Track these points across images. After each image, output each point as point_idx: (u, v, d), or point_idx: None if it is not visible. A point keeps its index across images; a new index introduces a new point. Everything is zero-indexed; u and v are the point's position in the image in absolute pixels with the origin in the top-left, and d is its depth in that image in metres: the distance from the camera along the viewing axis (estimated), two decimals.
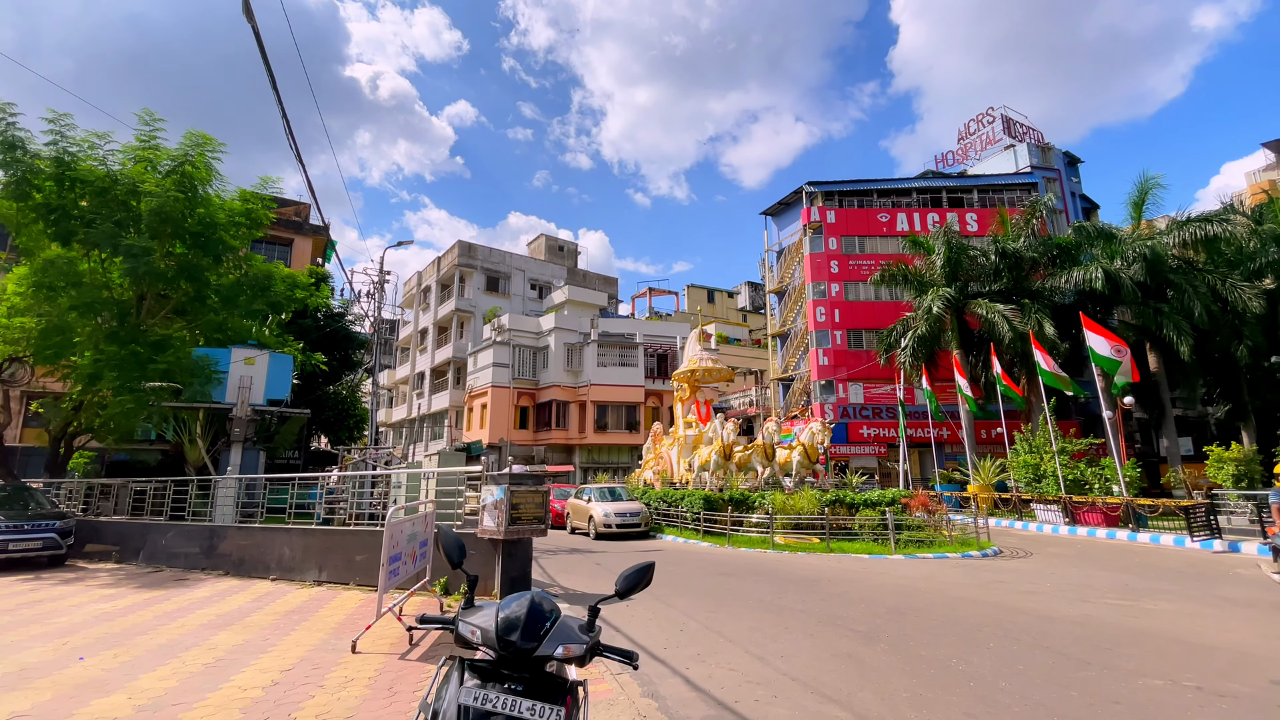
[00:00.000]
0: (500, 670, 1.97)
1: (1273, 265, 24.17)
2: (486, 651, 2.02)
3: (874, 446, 34.96)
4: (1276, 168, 50.12)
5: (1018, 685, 4.69)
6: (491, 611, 2.06)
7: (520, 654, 1.92)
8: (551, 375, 36.13)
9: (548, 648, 1.93)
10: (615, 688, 4.78)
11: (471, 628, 2.02)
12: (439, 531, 2.51)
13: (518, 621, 1.96)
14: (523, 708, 1.81)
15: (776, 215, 43.20)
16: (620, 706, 4.39)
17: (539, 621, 1.99)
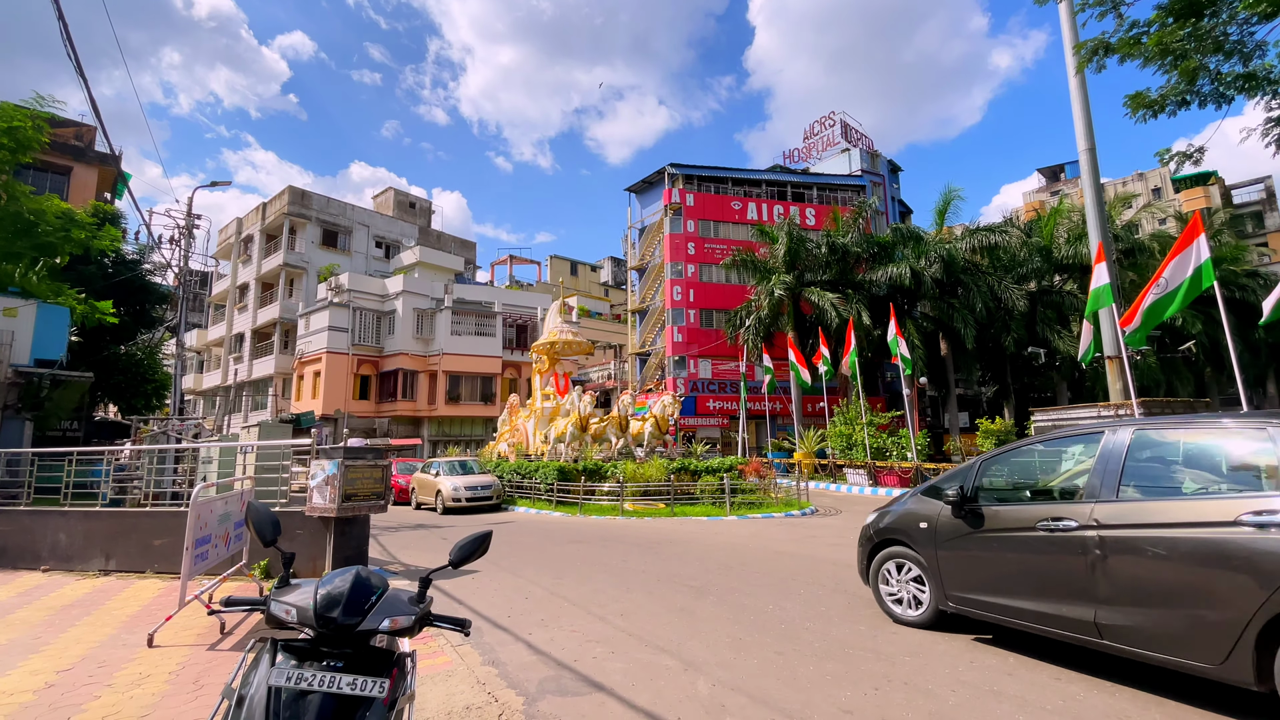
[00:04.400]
0: (319, 648, 1.90)
1: (1036, 272, 29.40)
2: (305, 631, 1.93)
3: (718, 418, 37.48)
4: (1046, 190, 60.74)
5: (820, 624, 5.42)
6: (310, 589, 1.96)
7: (342, 630, 1.85)
8: (398, 342, 33.86)
9: (372, 621, 1.89)
10: (455, 659, 4.76)
11: (286, 607, 1.92)
12: (249, 506, 2.31)
13: (340, 597, 1.88)
14: (343, 683, 1.75)
15: (640, 193, 43.92)
16: (459, 676, 4.38)
17: (364, 596, 1.94)
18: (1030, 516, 4.26)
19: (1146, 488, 3.89)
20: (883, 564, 5.57)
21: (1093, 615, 3.82)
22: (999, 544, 4.47)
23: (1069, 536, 3.95)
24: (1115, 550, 3.74)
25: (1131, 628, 3.65)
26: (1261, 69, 11.72)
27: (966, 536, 4.71)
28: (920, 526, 5.13)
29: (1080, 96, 15.97)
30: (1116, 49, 12.94)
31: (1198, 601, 3.41)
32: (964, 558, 4.74)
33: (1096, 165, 16.14)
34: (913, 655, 4.57)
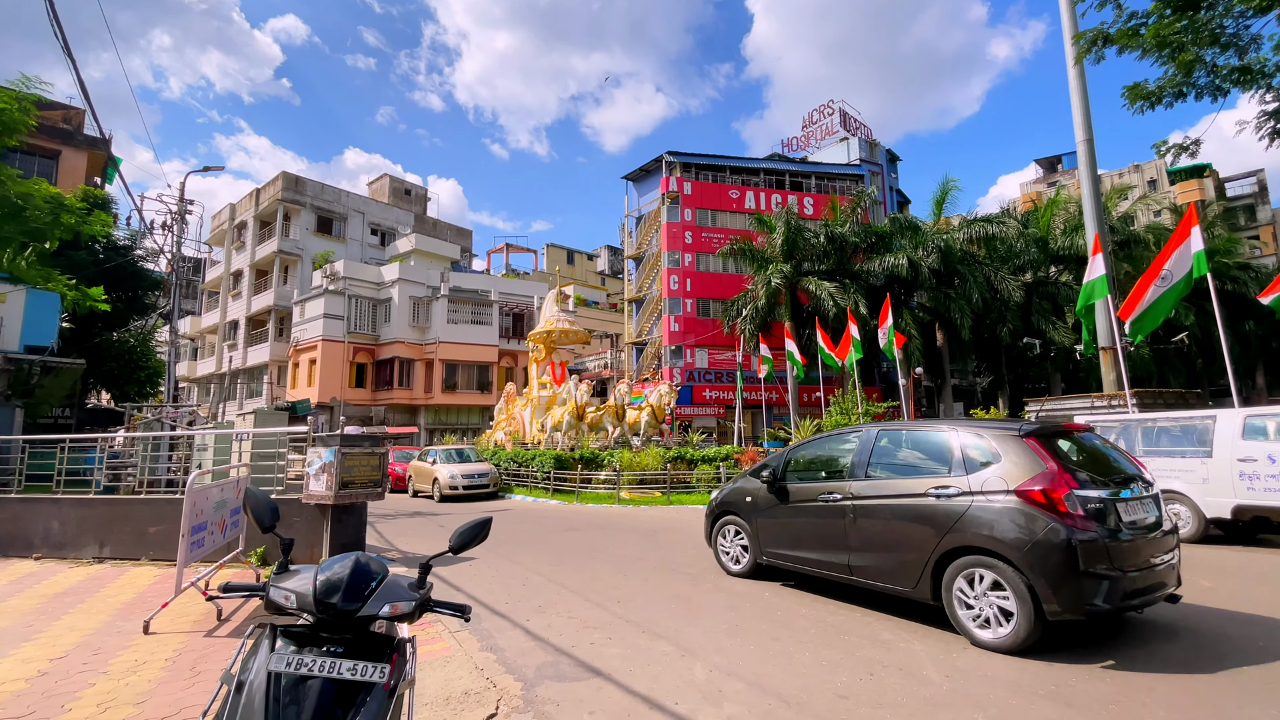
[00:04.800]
0: (319, 634, 1.89)
1: (1032, 263, 29.43)
2: (304, 616, 1.92)
3: (714, 408, 37.55)
4: (1043, 181, 60.69)
5: (816, 610, 5.45)
6: (309, 575, 1.95)
7: (342, 616, 1.84)
8: (394, 330, 33.73)
9: (373, 607, 1.88)
10: (453, 645, 4.77)
11: (286, 593, 1.90)
12: (247, 492, 2.29)
13: (339, 583, 1.87)
14: (343, 669, 1.74)
15: (638, 181, 43.68)
16: (458, 662, 4.40)
17: (364, 581, 1.92)
18: (815, 491, 5.84)
19: (883, 470, 5.42)
20: (720, 530, 7.05)
21: (847, 560, 5.43)
22: (796, 512, 6.01)
23: (836, 505, 5.56)
24: (861, 514, 5.35)
25: (868, 566, 5.28)
26: (1256, 62, 11.70)
27: (775, 507, 6.24)
28: (746, 500, 6.64)
29: (1079, 87, 15.92)
30: (1115, 40, 12.90)
31: (903, 547, 5.01)
32: (773, 523, 6.28)
33: (1094, 156, 16.11)
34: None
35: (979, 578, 4.53)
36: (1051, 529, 4.24)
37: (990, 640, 4.40)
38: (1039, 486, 4.37)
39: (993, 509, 4.51)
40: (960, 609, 4.62)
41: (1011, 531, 4.38)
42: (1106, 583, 4.16)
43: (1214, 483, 8.31)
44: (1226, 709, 3.47)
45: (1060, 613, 4.16)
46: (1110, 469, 4.91)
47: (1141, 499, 4.69)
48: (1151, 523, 4.64)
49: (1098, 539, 4.22)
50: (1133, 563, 4.32)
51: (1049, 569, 4.19)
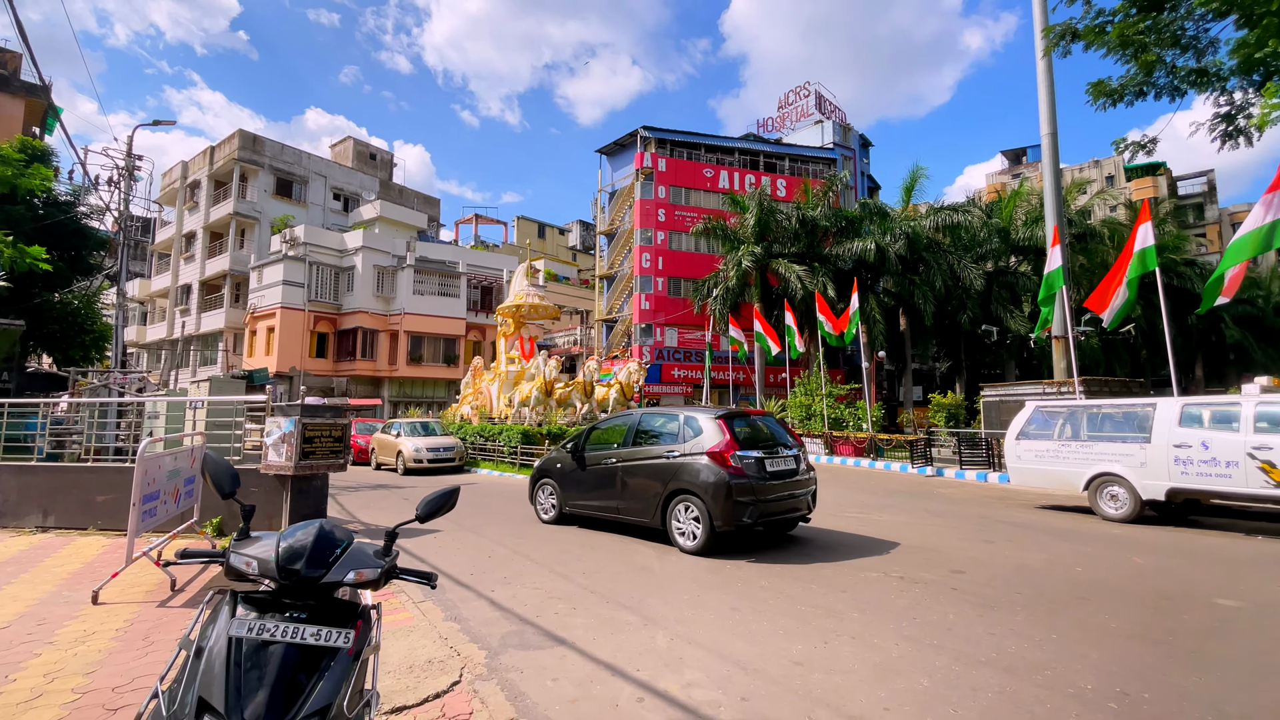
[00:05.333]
0: (281, 601, 1.87)
1: (994, 252, 30.20)
2: (266, 583, 1.90)
3: (683, 386, 37.84)
4: (1008, 172, 62.04)
5: (774, 582, 5.62)
6: (271, 542, 1.92)
7: (305, 583, 1.83)
8: (358, 300, 32.88)
9: (337, 574, 1.87)
10: (416, 614, 4.78)
11: (247, 559, 1.88)
12: (205, 457, 2.24)
13: (303, 549, 1.85)
14: (307, 634, 1.73)
15: (612, 155, 43.10)
16: (422, 631, 4.41)
17: (328, 548, 1.91)
18: (601, 457, 8.03)
19: (642, 441, 7.72)
20: (539, 489, 8.99)
21: (617, 505, 7.65)
22: (590, 473, 8.12)
23: (612, 466, 7.82)
24: (626, 472, 7.63)
25: (629, 507, 7.54)
26: (1213, 65, 12.11)
27: (576, 470, 8.34)
28: (557, 467, 8.73)
29: (1046, 81, 16.24)
30: (1082, 36, 13.16)
31: (649, 492, 7.29)
32: (575, 481, 8.34)
33: (1057, 150, 16.53)
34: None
35: (685, 508, 6.88)
36: (720, 475, 6.59)
37: (689, 546, 6.80)
38: (718, 449, 6.74)
39: (696, 464, 6.86)
40: (674, 529, 7.00)
41: (701, 476, 6.74)
42: (752, 507, 6.54)
43: (1151, 466, 8.79)
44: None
45: (723, 527, 6.49)
46: (767, 439, 7.36)
47: (784, 457, 7.16)
48: (788, 470, 7.11)
49: (748, 481, 6.59)
50: (771, 496, 6.78)
51: (718, 500, 6.53)
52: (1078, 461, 9.60)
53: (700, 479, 6.70)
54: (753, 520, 6.52)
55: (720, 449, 6.73)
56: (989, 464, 15.25)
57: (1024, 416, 10.65)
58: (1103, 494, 9.29)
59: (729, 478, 6.53)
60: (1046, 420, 10.35)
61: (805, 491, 7.25)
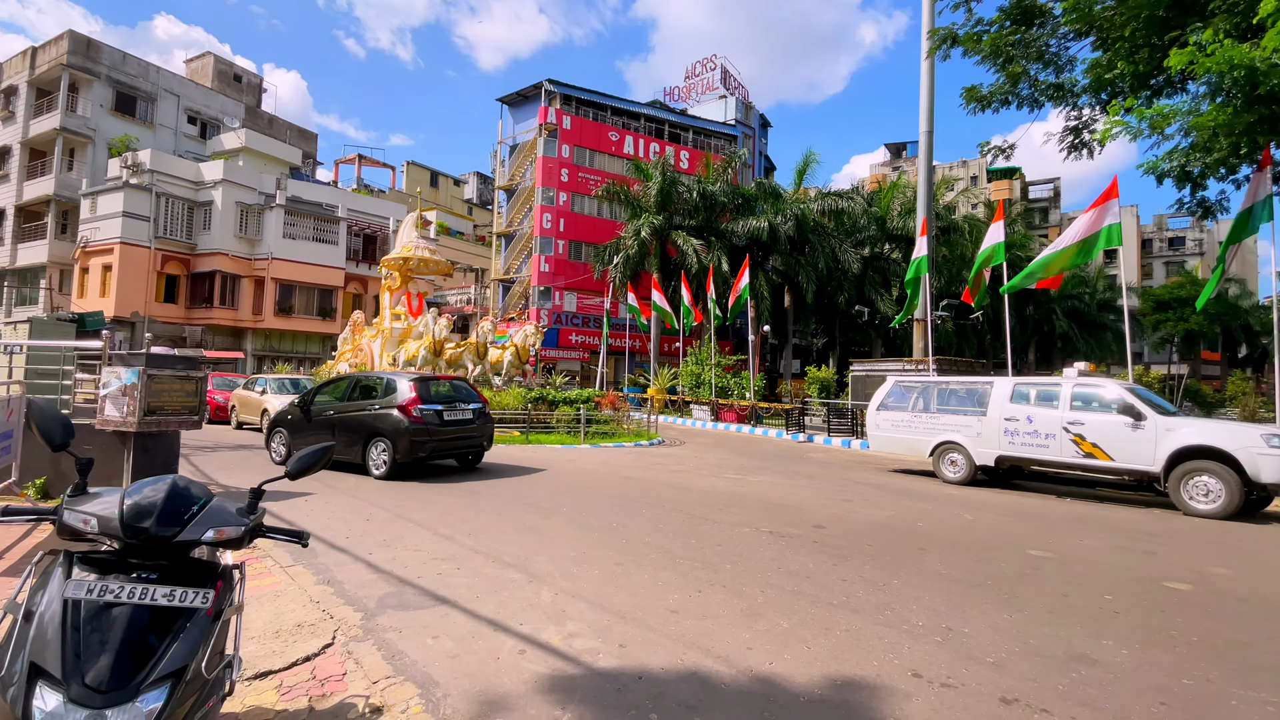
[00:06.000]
0: (128, 561, 1.72)
1: (871, 239, 32.58)
2: (108, 543, 1.73)
3: (580, 352, 37.83)
4: (889, 165, 66.67)
5: (657, 539, 5.90)
6: (114, 498, 1.75)
7: (156, 542, 1.69)
8: (216, 239, 29.40)
9: (194, 532, 1.74)
10: (284, 579, 4.53)
11: (84, 516, 1.69)
12: (31, 406, 1.97)
13: (153, 506, 1.70)
14: (158, 594, 1.61)
15: (514, 106, 41.24)
16: (290, 596, 4.19)
17: (182, 505, 1.77)
18: (323, 409, 9.97)
19: (356, 397, 9.81)
20: (272, 437, 10.44)
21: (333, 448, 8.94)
22: (314, 423, 9.87)
23: (330, 417, 9.78)
24: (341, 422, 9.64)
25: (342, 450, 9.15)
26: (1069, 82, 13.67)
27: (302, 421, 9.99)
28: (288, 418, 10.23)
29: (928, 81, 17.53)
30: (962, 42, 14.29)
31: (357, 437, 9.27)
32: (301, 430, 9.96)
33: (932, 148, 17.99)
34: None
35: (380, 447, 9.03)
36: (405, 422, 8.87)
37: (377, 474, 8.94)
38: (405, 404, 8.99)
39: (390, 416, 9.01)
40: (370, 463, 9.08)
41: (390, 424, 8.97)
42: (428, 445, 8.92)
43: (985, 437, 10.08)
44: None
45: (403, 460, 8.78)
46: (450, 397, 9.71)
47: (462, 411, 9.64)
48: (464, 420, 9.61)
49: (425, 426, 8.94)
50: (444, 437, 9.21)
51: (400, 440, 8.80)
52: (926, 431, 10.80)
53: (390, 425, 8.93)
54: (426, 455, 9.01)
55: (406, 404, 8.97)
56: (853, 432, 16.74)
57: (885, 390, 11.77)
58: (944, 460, 10.54)
59: (409, 425, 8.82)
60: (903, 394, 11.50)
61: (480, 435, 9.93)
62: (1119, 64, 11.79)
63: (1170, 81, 12.14)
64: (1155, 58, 11.06)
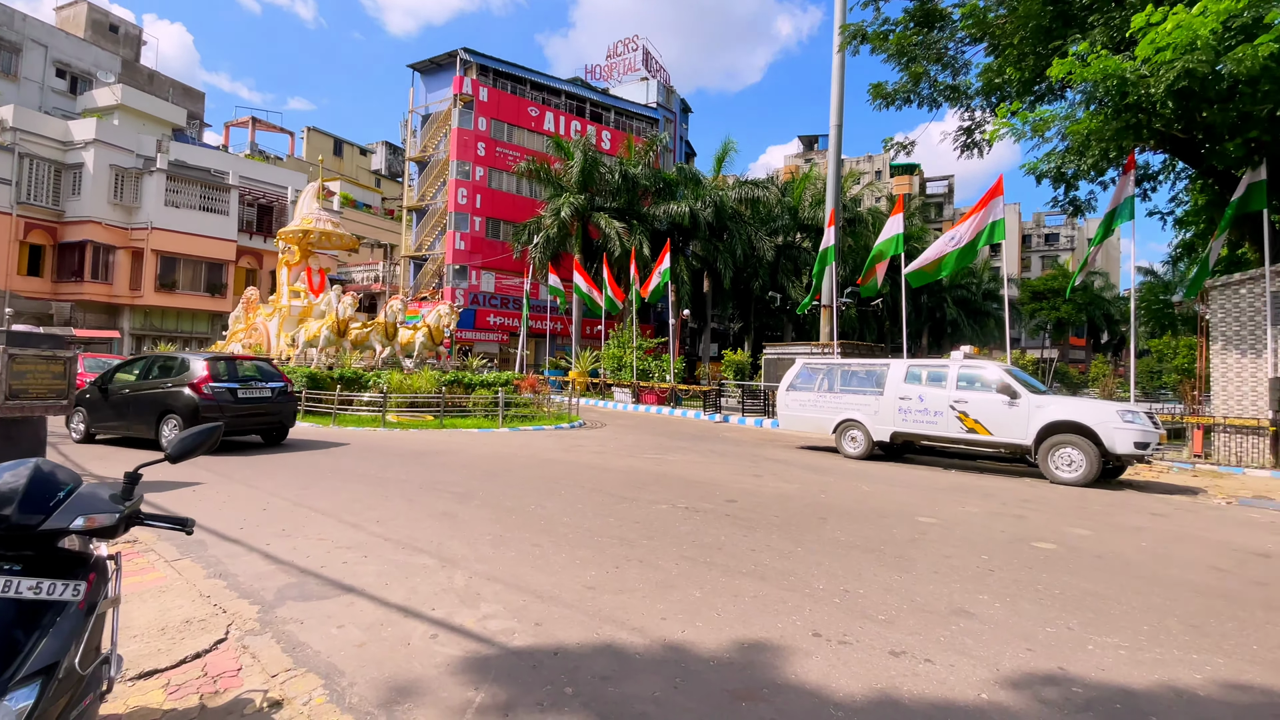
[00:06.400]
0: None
1: (785, 228, 33.79)
2: None
3: (499, 334, 36.93)
4: (802, 156, 69.12)
5: (576, 519, 5.93)
6: None
7: (18, 530, 1.55)
8: (87, 206, 26.24)
9: (61, 520, 1.60)
10: (170, 574, 4.19)
11: None
12: None
13: (12, 493, 1.57)
14: (23, 587, 1.48)
15: (426, 74, 39.21)
16: (177, 591, 3.89)
17: (48, 491, 1.63)
18: (120, 388, 10.20)
19: (153, 376, 10.16)
20: (72, 416, 10.55)
21: (128, 425, 10.11)
22: (111, 401, 10.18)
23: (126, 395, 10.09)
24: (135, 400, 9.98)
25: (136, 426, 9.92)
26: (964, 84, 14.68)
27: (100, 400, 10.26)
28: (87, 397, 10.35)
29: (839, 76, 18.26)
30: (870, 39, 14.97)
31: (151, 413, 9.68)
32: (99, 408, 10.28)
33: (841, 141, 18.82)
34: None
35: (172, 423, 9.36)
36: (195, 399, 9.35)
37: None
38: (197, 382, 9.50)
39: (181, 394, 9.50)
40: (163, 438, 9.43)
41: (182, 400, 9.40)
42: (221, 423, 8.50)
43: (881, 415, 10.80)
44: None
45: None
46: (246, 376, 10.35)
47: (259, 389, 10.22)
48: (261, 398, 10.17)
49: (216, 403, 9.43)
50: (239, 413, 9.77)
51: (191, 415, 9.24)
52: (830, 410, 11.45)
53: (182, 403, 9.39)
54: (224, 423, 9.15)
55: (198, 382, 9.45)
56: (765, 412, 17.47)
57: (794, 372, 12.34)
58: (846, 436, 11.23)
59: (199, 401, 9.30)
60: (810, 375, 12.11)
61: (280, 413, 10.44)
62: (1008, 69, 12.79)
63: (1052, 88, 13.35)
64: (1040, 65, 12.10)
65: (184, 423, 9.14)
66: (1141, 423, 8.73)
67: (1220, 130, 10.48)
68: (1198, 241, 16.28)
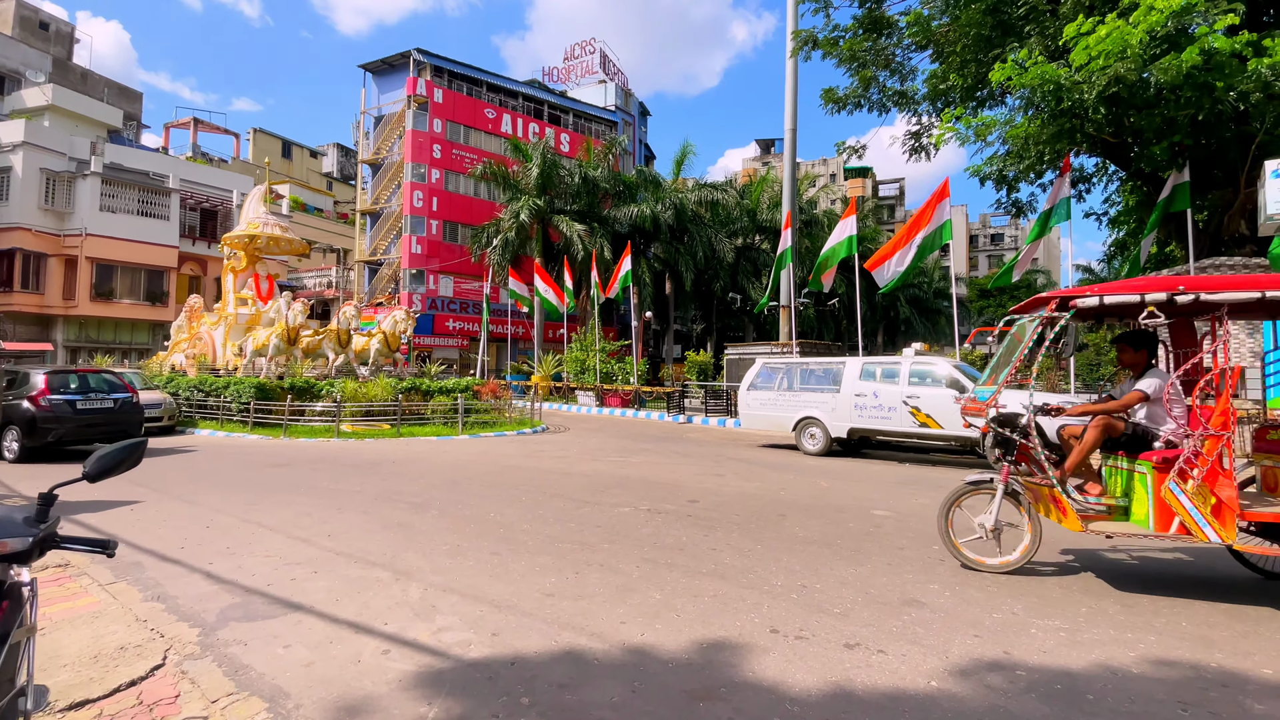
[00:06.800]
0: None
1: (744, 230, 34.24)
2: None
3: (459, 339, 36.33)
4: (759, 160, 70.24)
5: (536, 525, 5.86)
6: None
7: None
8: (15, 212, 24.72)
9: None
10: (105, 598, 3.97)
11: None
12: None
13: None
14: None
15: (379, 74, 38.37)
16: (111, 616, 3.68)
17: None
18: None
19: None
20: (4, 435, 10.15)
21: None
22: None
23: None
24: None
25: None
26: (911, 90, 15.14)
27: None
28: None
29: (792, 81, 18.63)
30: (821, 45, 15.31)
31: None
32: None
33: (795, 145, 19.19)
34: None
35: (12, 434, 9.70)
36: (33, 411, 9.65)
37: (9, 458, 9.75)
38: (35, 394, 9.81)
39: (20, 406, 9.68)
40: (4, 448, 9.79)
41: (19, 413, 9.70)
42: (56, 432, 9.78)
43: (839, 411, 11.04)
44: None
45: (33, 445, 9.68)
46: (88, 388, 10.57)
47: (101, 400, 10.49)
48: (103, 409, 10.44)
49: (54, 415, 9.78)
50: (80, 424, 10.09)
51: (30, 426, 9.60)
52: (789, 408, 11.64)
53: (18, 414, 9.71)
54: (56, 440, 9.87)
55: (36, 394, 9.85)
56: (728, 412, 17.64)
57: (754, 372, 12.50)
58: (805, 434, 11.43)
59: (37, 413, 9.68)
60: (770, 375, 12.29)
61: (125, 423, 10.65)
62: (951, 75, 13.26)
63: (993, 94, 13.90)
64: (982, 72, 12.58)
65: (22, 434, 9.61)
66: None
67: (1147, 134, 11.08)
68: (1130, 240, 17.16)
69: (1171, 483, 3.92)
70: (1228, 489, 3.75)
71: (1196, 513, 3.84)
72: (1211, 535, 3.81)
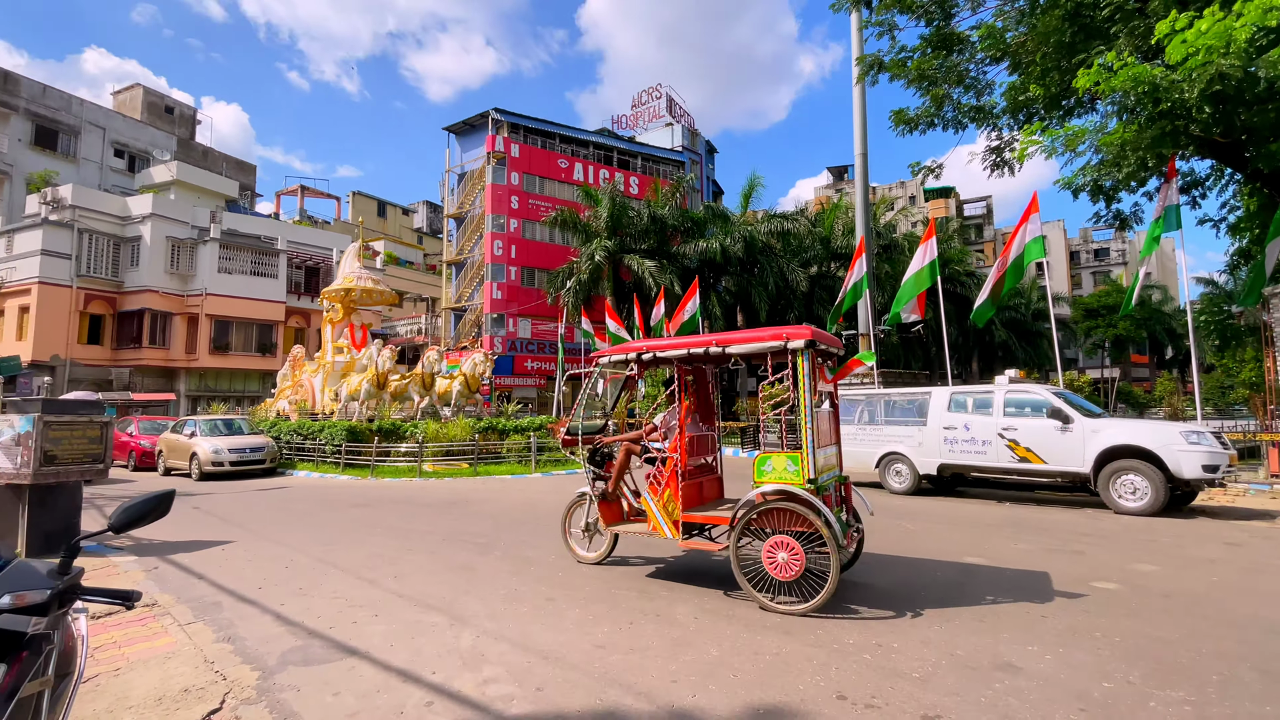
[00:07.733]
0: None
1: (817, 258, 33.44)
2: None
3: (536, 378, 37.35)
4: (832, 187, 69.01)
5: (595, 569, 5.70)
6: None
7: None
8: (145, 277, 28.02)
9: None
10: (181, 638, 4.16)
11: None
12: None
13: None
14: None
15: (461, 135, 41.11)
16: (183, 657, 3.84)
17: None
18: None
19: None
20: None
21: None
22: None
23: None
24: None
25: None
26: (989, 104, 14.38)
27: None
28: None
29: (860, 106, 18.22)
30: (888, 68, 14.91)
31: None
32: None
33: (867, 170, 18.65)
34: None
35: None
36: None
37: None
38: None
39: None
40: None
41: None
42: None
43: (926, 446, 10.25)
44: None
45: None
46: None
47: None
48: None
49: None
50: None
51: None
52: (871, 443, 10.93)
53: None
54: None
55: None
56: None
57: None
58: (890, 470, 10.68)
59: None
60: (849, 408, 11.64)
61: None
62: (1032, 86, 12.48)
63: (1081, 101, 12.94)
64: (1065, 80, 11.75)
65: None
66: (1208, 443, 8.01)
67: (1263, 132, 9.89)
68: (1254, 248, 15.25)
69: (646, 493, 5.29)
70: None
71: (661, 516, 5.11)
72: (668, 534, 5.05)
